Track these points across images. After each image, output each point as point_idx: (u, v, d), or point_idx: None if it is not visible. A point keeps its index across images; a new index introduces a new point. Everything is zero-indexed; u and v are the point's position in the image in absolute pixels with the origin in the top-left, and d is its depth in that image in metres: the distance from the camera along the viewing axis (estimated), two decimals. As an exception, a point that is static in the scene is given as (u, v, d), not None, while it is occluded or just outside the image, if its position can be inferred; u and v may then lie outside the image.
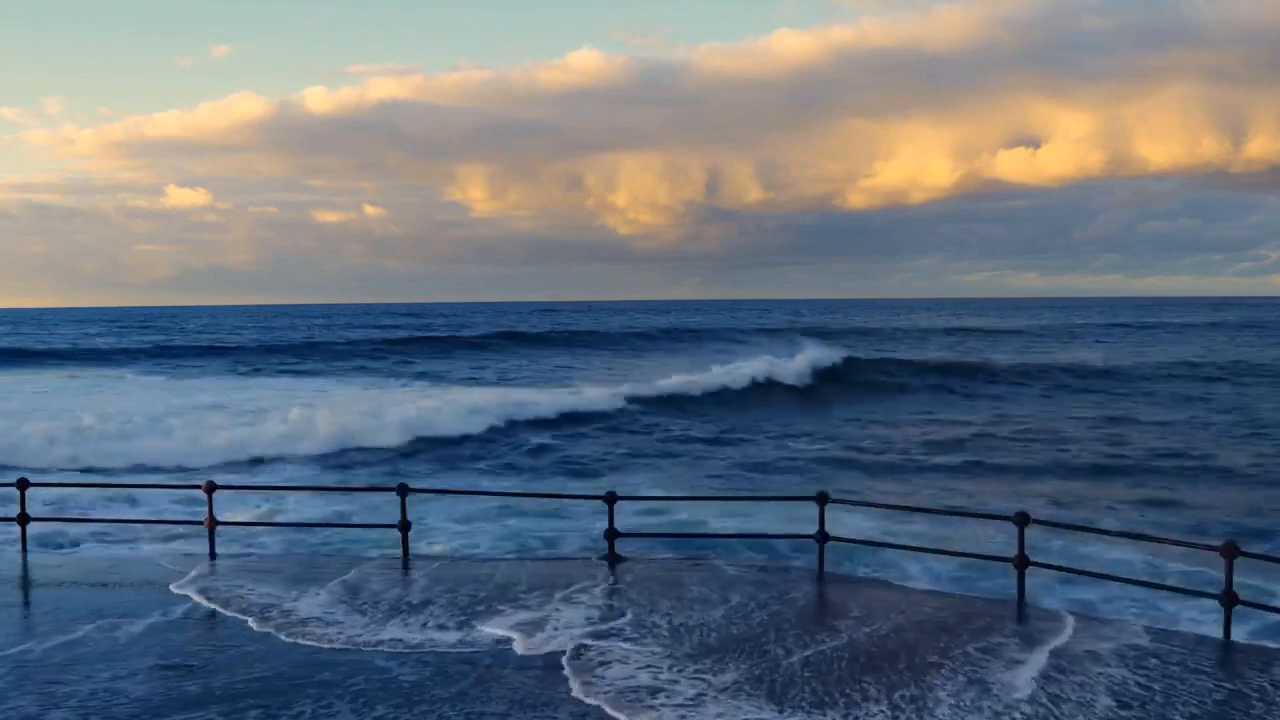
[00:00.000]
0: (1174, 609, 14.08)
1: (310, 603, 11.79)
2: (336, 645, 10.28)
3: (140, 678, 9.30)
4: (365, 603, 11.78)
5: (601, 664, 9.61)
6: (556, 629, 10.68)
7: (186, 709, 8.52)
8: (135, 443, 30.42)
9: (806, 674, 9.33)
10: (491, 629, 10.71)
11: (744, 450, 32.58)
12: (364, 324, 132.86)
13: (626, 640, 10.28)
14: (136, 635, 10.62)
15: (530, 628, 10.73)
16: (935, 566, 16.48)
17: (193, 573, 13.18)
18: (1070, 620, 11.11)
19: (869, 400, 47.60)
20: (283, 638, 10.53)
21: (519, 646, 10.13)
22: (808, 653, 9.90)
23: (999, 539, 15.68)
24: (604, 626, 10.75)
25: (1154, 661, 9.72)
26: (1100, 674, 9.35)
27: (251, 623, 11.08)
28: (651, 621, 10.91)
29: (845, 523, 15.71)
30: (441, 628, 10.80)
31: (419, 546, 16.27)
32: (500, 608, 11.46)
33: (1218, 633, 10.87)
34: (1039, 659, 9.79)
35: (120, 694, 8.89)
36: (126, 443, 30.46)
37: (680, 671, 9.40)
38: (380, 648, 10.15)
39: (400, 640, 10.38)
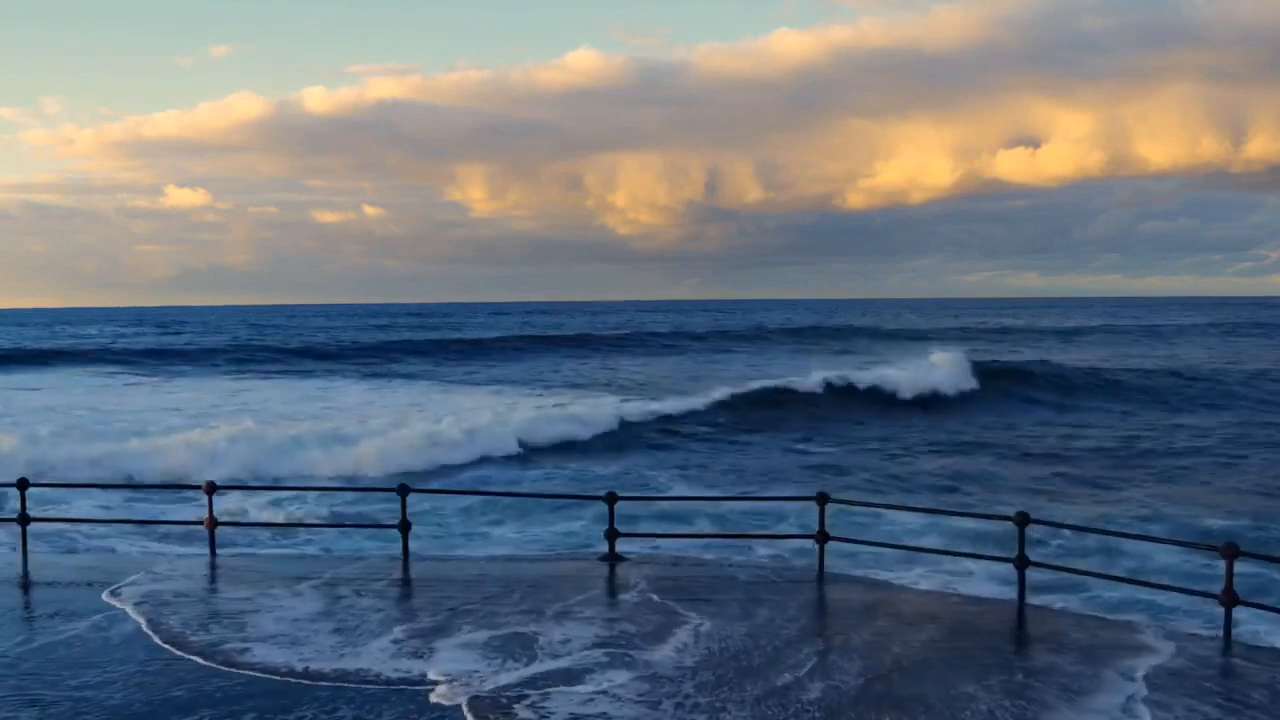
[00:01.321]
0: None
1: (266, 617, 10.92)
2: (259, 672, 9.20)
3: None
4: (334, 615, 10.99)
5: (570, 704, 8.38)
6: (538, 656, 9.58)
7: None
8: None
9: (821, 716, 8.12)
10: (462, 658, 9.56)
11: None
12: (432, 326, 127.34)
13: (610, 670, 9.18)
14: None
15: (505, 652, 9.69)
16: (934, 565, 16.41)
17: (133, 576, 12.65)
18: (1096, 628, 10.71)
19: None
20: (198, 661, 9.52)
21: (479, 682, 8.92)
22: (821, 685, 8.78)
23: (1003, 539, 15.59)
24: (587, 655, 9.60)
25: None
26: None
27: (160, 639, 10.16)
28: (641, 641, 9.98)
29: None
30: (414, 654, 9.66)
31: (461, 548, 16.18)
32: (487, 624, 10.58)
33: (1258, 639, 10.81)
34: (1107, 693, 8.61)
35: None
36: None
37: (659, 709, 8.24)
38: (321, 681, 8.96)
39: (352, 672, 9.19)
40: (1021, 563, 11.43)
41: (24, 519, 14.03)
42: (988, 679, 8.97)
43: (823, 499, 12.83)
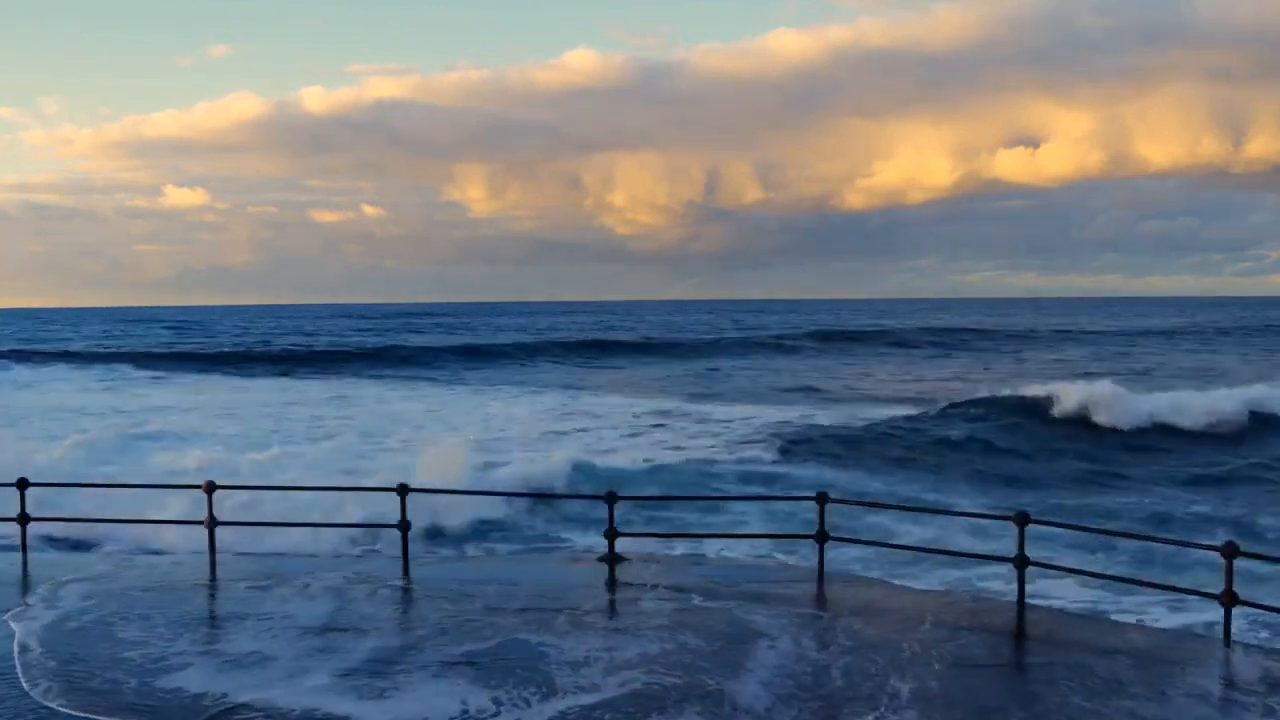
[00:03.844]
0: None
1: (223, 628, 10.24)
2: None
3: None
4: (298, 625, 10.23)
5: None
6: (558, 689, 8.33)
7: None
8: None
9: None
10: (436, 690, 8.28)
11: None
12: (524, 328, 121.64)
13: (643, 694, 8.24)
14: None
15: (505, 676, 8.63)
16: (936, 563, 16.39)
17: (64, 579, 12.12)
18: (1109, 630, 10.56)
19: None
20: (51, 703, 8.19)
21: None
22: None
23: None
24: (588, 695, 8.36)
25: None
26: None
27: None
28: (639, 660, 9.11)
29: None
30: (366, 691, 8.28)
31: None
32: (483, 645, 9.66)
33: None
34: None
35: None
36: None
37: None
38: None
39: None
40: (1021, 563, 11.38)
41: (24, 519, 14.01)
42: (1046, 704, 8.29)
43: (822, 498, 12.76)
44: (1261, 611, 11.07)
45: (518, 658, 9.31)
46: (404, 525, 13.42)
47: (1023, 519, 11.35)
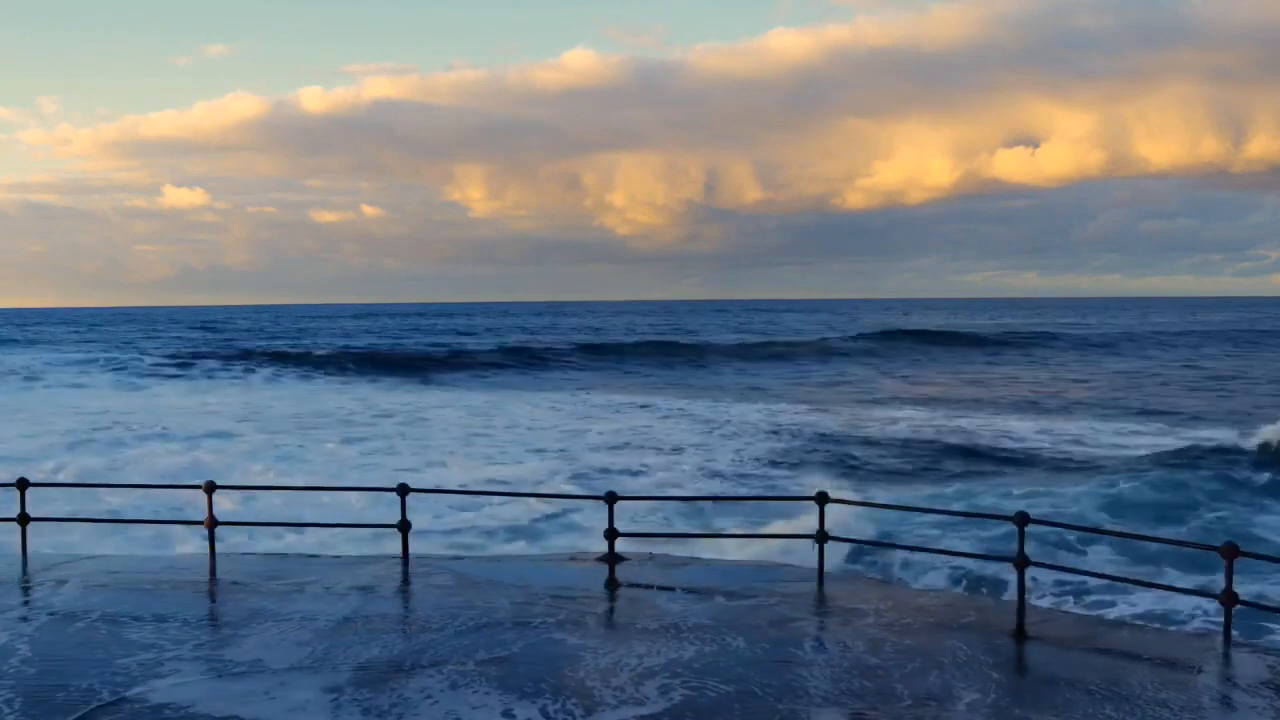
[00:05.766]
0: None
1: (198, 631, 9.93)
2: None
3: None
4: (285, 631, 9.87)
5: None
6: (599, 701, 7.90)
7: None
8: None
9: None
10: None
11: None
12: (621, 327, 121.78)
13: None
14: None
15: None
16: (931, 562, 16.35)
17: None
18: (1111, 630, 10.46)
19: None
20: None
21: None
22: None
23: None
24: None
25: None
26: None
27: None
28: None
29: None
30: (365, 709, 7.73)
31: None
32: (505, 651, 9.25)
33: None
34: None
35: None
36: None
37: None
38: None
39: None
40: (1021, 563, 11.33)
41: (23, 519, 13.98)
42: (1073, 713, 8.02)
43: (822, 498, 12.73)
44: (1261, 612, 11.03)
45: (543, 662, 9.09)
46: (404, 525, 13.40)
47: (1022, 519, 11.31)
